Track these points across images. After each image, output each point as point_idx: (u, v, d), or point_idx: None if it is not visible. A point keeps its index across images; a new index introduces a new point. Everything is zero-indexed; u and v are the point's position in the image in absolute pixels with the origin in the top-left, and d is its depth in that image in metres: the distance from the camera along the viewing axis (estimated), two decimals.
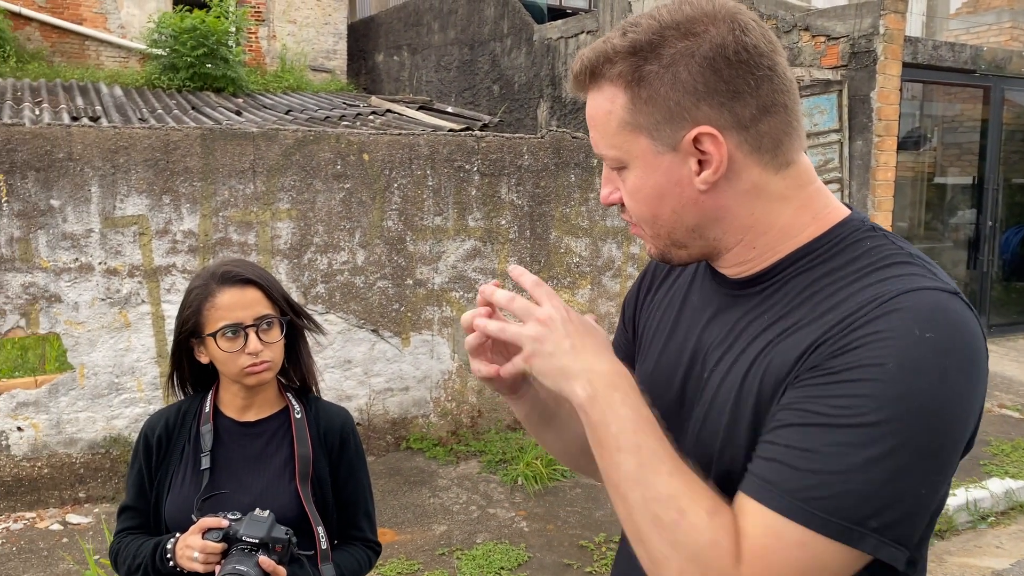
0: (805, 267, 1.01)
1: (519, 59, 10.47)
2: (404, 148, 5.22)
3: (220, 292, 1.80)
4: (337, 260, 5.10)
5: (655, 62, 0.96)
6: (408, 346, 5.36)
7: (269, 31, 12.50)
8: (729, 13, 0.97)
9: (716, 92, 0.96)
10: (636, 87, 0.97)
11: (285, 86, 11.73)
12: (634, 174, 1.02)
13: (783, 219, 1.02)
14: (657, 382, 1.16)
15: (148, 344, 4.66)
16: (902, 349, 0.87)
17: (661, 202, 1.02)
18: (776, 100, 0.98)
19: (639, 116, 0.98)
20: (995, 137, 7.80)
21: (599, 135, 1.03)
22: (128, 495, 1.91)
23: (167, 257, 4.66)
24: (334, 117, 9.31)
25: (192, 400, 1.94)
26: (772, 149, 0.99)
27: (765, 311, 1.03)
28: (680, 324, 1.17)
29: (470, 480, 4.97)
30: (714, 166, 0.97)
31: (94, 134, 4.46)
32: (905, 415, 0.86)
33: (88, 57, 11.43)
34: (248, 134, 4.82)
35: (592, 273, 5.89)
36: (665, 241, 1.06)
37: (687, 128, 0.97)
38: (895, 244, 1.00)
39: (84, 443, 4.58)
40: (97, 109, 9.19)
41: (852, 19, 6.90)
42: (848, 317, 0.92)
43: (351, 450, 1.96)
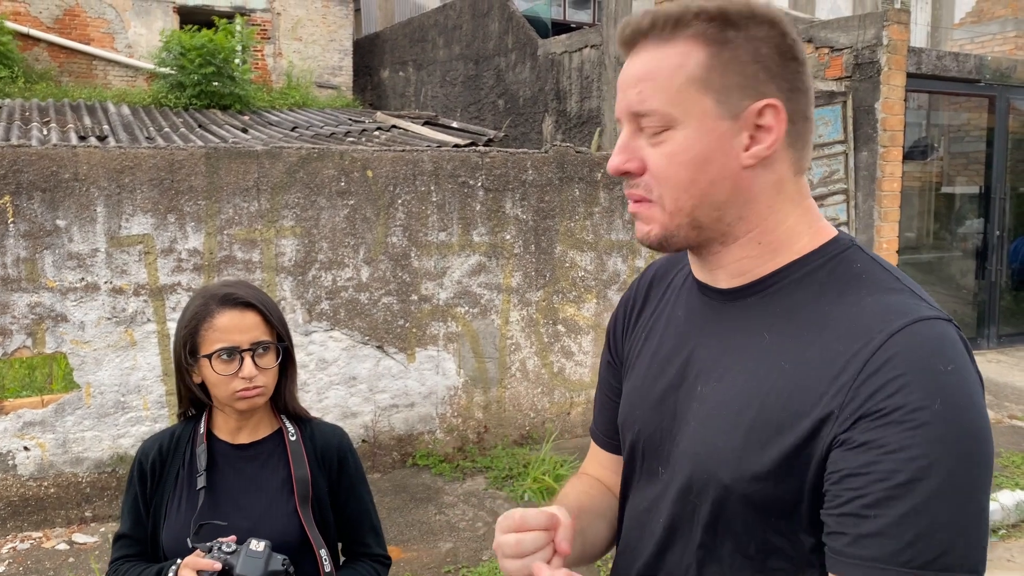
0: (800, 279, 1.03)
1: (524, 74, 10.51)
2: (408, 164, 5.23)
3: (219, 313, 1.79)
4: (342, 277, 5.11)
5: (742, 31, 1.00)
6: (413, 362, 5.35)
7: (275, 48, 12.59)
8: (791, 26, 1.04)
9: (784, 78, 1.01)
10: (719, 47, 1.00)
11: (291, 103, 11.80)
12: (683, 134, 1.01)
13: (788, 222, 1.05)
14: (643, 395, 1.16)
15: (154, 363, 4.67)
16: (940, 389, 0.89)
17: (704, 168, 1.01)
18: (809, 109, 1.05)
19: (714, 75, 1.00)
20: (1001, 146, 7.78)
21: (655, 89, 1.01)
22: (124, 523, 1.89)
23: (172, 275, 4.67)
24: (340, 133, 9.35)
25: (185, 424, 1.93)
26: (801, 149, 1.05)
27: (764, 328, 1.02)
28: (665, 339, 1.17)
29: (476, 496, 4.95)
30: (768, 141, 1.01)
31: (100, 154, 4.48)
32: (968, 450, 0.89)
33: (96, 77, 11.52)
34: (252, 152, 4.84)
35: (597, 287, 5.88)
36: (683, 217, 1.04)
37: (755, 99, 1.00)
38: (882, 267, 1.03)
39: (90, 462, 4.58)
40: (105, 128, 9.26)
41: (855, 30, 6.90)
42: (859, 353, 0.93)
43: (350, 468, 1.95)
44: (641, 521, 1.17)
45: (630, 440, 1.20)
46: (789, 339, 0.99)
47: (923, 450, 0.87)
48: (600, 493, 1.33)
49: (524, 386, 5.72)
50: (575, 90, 9.74)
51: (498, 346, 5.60)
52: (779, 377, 0.98)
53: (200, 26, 10.88)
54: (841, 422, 0.92)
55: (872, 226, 6.92)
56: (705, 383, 1.06)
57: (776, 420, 0.96)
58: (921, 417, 0.88)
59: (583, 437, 5.94)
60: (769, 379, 0.99)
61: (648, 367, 1.17)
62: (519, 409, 5.73)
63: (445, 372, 5.46)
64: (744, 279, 1.06)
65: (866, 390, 0.90)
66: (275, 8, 12.55)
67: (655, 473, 1.15)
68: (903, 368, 0.90)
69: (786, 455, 0.95)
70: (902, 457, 0.88)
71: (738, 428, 0.99)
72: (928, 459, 0.87)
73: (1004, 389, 6.89)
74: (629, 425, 1.20)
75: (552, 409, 5.83)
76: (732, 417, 1.01)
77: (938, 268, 8.54)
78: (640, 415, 1.17)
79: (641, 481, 1.19)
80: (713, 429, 1.03)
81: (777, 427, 0.96)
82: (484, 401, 5.60)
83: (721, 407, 1.03)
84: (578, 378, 5.90)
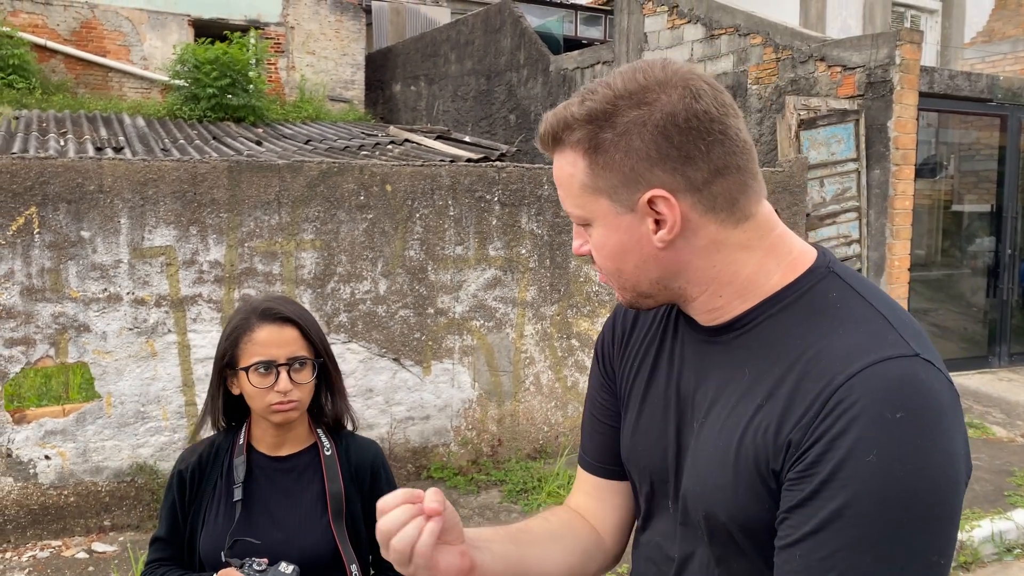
0: (775, 315, 1.04)
1: (535, 89, 10.59)
2: (426, 179, 5.28)
3: (258, 327, 1.84)
4: (360, 289, 5.15)
5: (610, 130, 1.00)
6: (429, 375, 5.39)
7: (288, 62, 12.69)
8: (682, 79, 1.01)
9: (668, 157, 1.00)
10: (594, 154, 1.02)
11: (304, 116, 11.90)
12: (598, 231, 1.07)
13: (748, 268, 1.05)
14: (646, 432, 1.18)
15: (174, 373, 4.71)
16: (878, 438, 0.89)
17: (624, 257, 1.07)
18: (729, 162, 1.01)
19: (598, 180, 1.03)
20: (1013, 165, 7.81)
21: (564, 194, 1.09)
22: (161, 527, 1.93)
23: (193, 287, 4.72)
24: (353, 147, 9.42)
25: (224, 435, 1.97)
26: (728, 207, 1.02)
27: (745, 363, 1.05)
28: (658, 369, 1.19)
29: (491, 510, 4.98)
30: (668, 226, 1.02)
31: (124, 167, 4.54)
32: (901, 506, 0.88)
33: (111, 88, 11.64)
34: (274, 166, 4.90)
35: (611, 301, 5.92)
36: (632, 292, 1.11)
37: (642, 191, 1.01)
38: (858, 294, 1.03)
39: (110, 471, 4.62)
40: (120, 139, 9.35)
41: (868, 49, 6.96)
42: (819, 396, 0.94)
43: (382, 483, 1.98)
44: (655, 555, 1.20)
45: (637, 476, 1.23)
46: (765, 375, 1.02)
47: (843, 501, 0.89)
48: (561, 519, 1.31)
49: (538, 400, 5.75)
50: None
51: (512, 360, 5.64)
52: (756, 413, 1.01)
53: (214, 39, 10.99)
54: (794, 459, 0.95)
55: (884, 243, 6.95)
56: (699, 419, 1.09)
57: (754, 455, 0.99)
58: (853, 467, 0.89)
59: None
60: (748, 415, 1.01)
61: (646, 399, 1.19)
62: (533, 423, 5.76)
63: (460, 385, 5.49)
64: (720, 320, 1.09)
65: (816, 433, 0.92)
66: (289, 22, 12.67)
67: (664, 507, 1.18)
68: (852, 413, 0.90)
69: (769, 489, 0.98)
70: (827, 504, 0.90)
71: (726, 466, 1.02)
72: (851, 507, 0.89)
73: (1016, 408, 6.89)
74: (634, 461, 1.22)
75: (566, 423, 5.86)
76: (720, 455, 1.03)
77: (948, 286, 8.55)
78: (644, 451, 1.19)
79: (653, 515, 1.21)
80: (707, 467, 1.06)
81: (755, 462, 0.99)
82: (498, 415, 5.63)
83: (711, 444, 1.05)
84: None
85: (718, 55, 8.26)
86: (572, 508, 1.34)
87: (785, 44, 7.59)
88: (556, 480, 5.06)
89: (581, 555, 1.27)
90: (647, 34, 9.06)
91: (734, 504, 1.01)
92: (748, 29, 7.94)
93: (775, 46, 7.67)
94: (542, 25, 11.52)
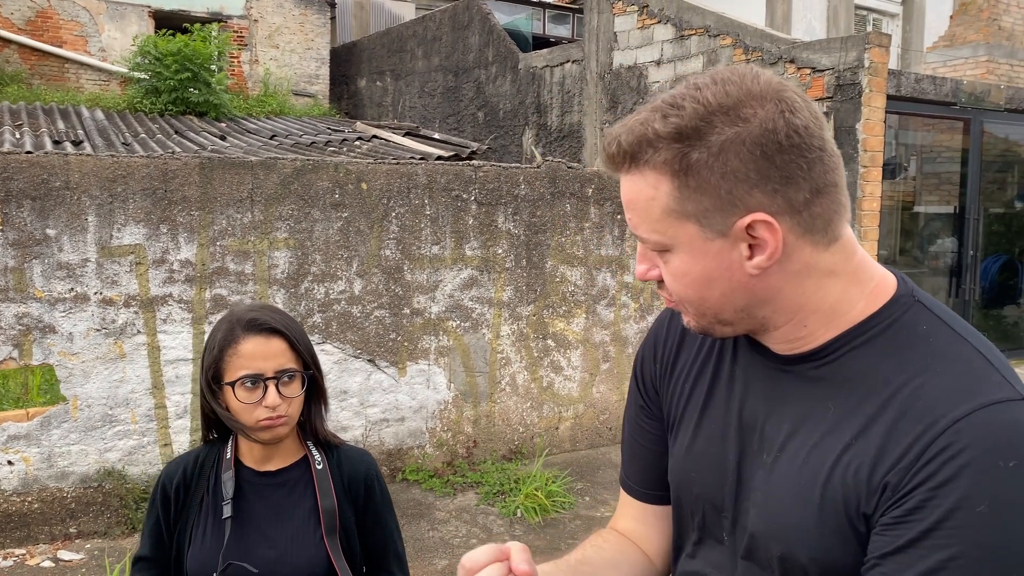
0: (860, 346, 0.98)
1: (504, 87, 10.53)
2: (402, 177, 5.21)
3: (244, 340, 1.74)
4: (334, 289, 5.06)
5: (703, 149, 0.92)
6: (404, 376, 5.32)
7: (251, 55, 12.47)
8: (775, 92, 0.93)
9: (769, 179, 0.92)
10: (683, 176, 0.93)
11: (268, 110, 11.70)
12: (679, 258, 0.98)
13: (833, 296, 0.99)
14: (701, 459, 1.12)
15: (143, 375, 4.58)
16: (991, 488, 0.84)
17: (710, 285, 0.98)
18: (828, 180, 0.94)
19: (687, 204, 0.94)
20: (975, 168, 7.96)
21: (639, 219, 0.99)
22: (144, 545, 1.84)
23: (164, 287, 4.60)
24: (320, 142, 9.28)
25: (209, 449, 1.88)
26: (823, 229, 0.96)
27: (829, 398, 0.99)
28: (716, 394, 1.13)
29: (468, 512, 4.93)
30: (768, 252, 0.94)
31: (92, 162, 4.40)
32: (1017, 560, 0.84)
33: (68, 80, 11.32)
34: (247, 163, 4.79)
35: (587, 302, 5.90)
36: (710, 320, 1.03)
37: (739, 215, 0.93)
38: (949, 327, 0.97)
39: (76, 477, 4.48)
40: (79, 133, 9.09)
41: (837, 52, 7.02)
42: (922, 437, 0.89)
43: (376, 496, 1.91)
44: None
45: (686, 502, 1.17)
46: (853, 411, 0.96)
47: (956, 551, 0.84)
48: (615, 545, 1.28)
49: (514, 401, 5.71)
50: (556, 104, 9.79)
51: (488, 360, 5.59)
52: (844, 452, 0.95)
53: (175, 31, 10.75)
54: (889, 503, 0.90)
55: None
56: (770, 452, 1.03)
57: (843, 497, 0.94)
58: (963, 517, 0.84)
59: (571, 452, 5.94)
60: (835, 454, 0.96)
61: (700, 425, 1.13)
62: (508, 424, 5.71)
63: (436, 386, 5.43)
64: (800, 349, 1.02)
65: (919, 477, 0.88)
66: (252, 15, 12.45)
67: (718, 539, 1.13)
68: (960, 460, 0.86)
69: (857, 532, 0.94)
70: (932, 553, 0.86)
71: (809, 505, 0.97)
72: (960, 559, 0.84)
73: None
74: (685, 487, 1.16)
75: (541, 424, 5.83)
76: (802, 493, 0.98)
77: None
78: (699, 478, 1.13)
79: (701, 544, 1.16)
80: (783, 508, 1.00)
81: (844, 503, 0.94)
82: (474, 416, 5.58)
83: (789, 481, 1.00)
84: (567, 393, 5.90)
85: (688, 56, 8.29)
86: (620, 532, 1.30)
87: (755, 46, 7.64)
88: (533, 483, 5.02)
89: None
90: (617, 33, 9.06)
91: (818, 546, 0.96)
92: (718, 30, 7.97)
93: (745, 47, 7.71)
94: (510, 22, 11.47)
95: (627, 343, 6.09)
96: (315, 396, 1.87)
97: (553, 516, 4.88)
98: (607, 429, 6.11)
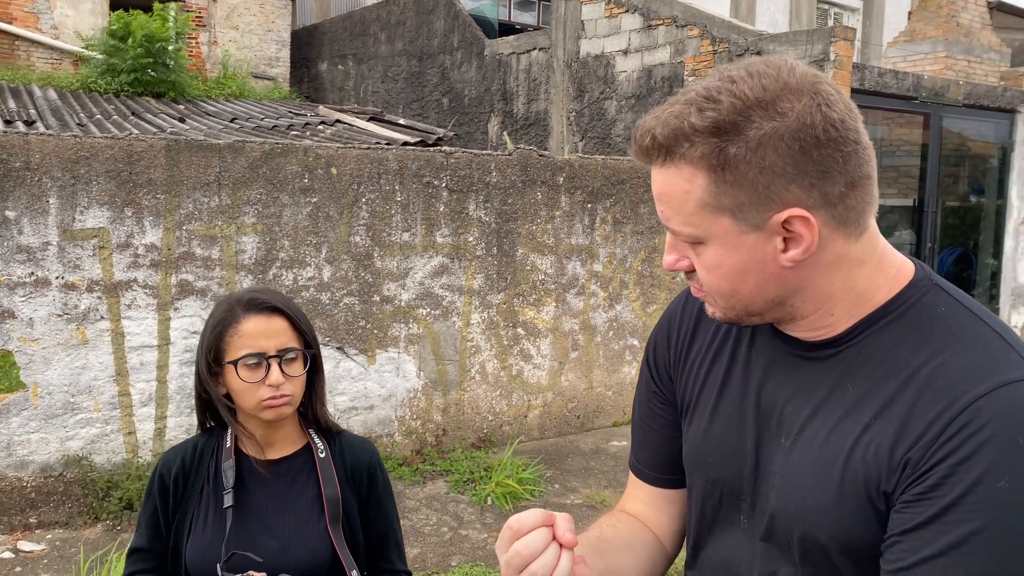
0: (881, 329, 0.99)
1: (469, 73, 10.46)
2: (373, 162, 5.14)
3: (245, 319, 1.72)
4: (303, 276, 4.99)
5: (741, 144, 0.91)
6: (374, 364, 5.27)
7: (210, 36, 12.22)
8: (811, 85, 0.93)
9: (806, 173, 0.92)
10: (720, 170, 0.93)
11: (227, 93, 11.48)
12: (713, 251, 0.99)
13: (861, 284, 1.00)
14: (718, 443, 1.13)
15: (107, 362, 4.47)
16: (1012, 464, 0.85)
17: (743, 278, 0.99)
18: (862, 172, 0.95)
19: (723, 198, 0.94)
20: (935, 162, 8.12)
21: (673, 212, 0.99)
22: (140, 536, 1.79)
23: (128, 272, 4.48)
24: (282, 126, 9.13)
25: (208, 437, 1.84)
26: (856, 221, 0.97)
27: (848, 380, 1.00)
28: (732, 378, 1.13)
29: (439, 501, 4.90)
30: (804, 246, 0.95)
31: (54, 143, 4.27)
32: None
33: (18, 58, 10.98)
34: (214, 146, 4.68)
35: (557, 291, 5.90)
36: (740, 311, 1.03)
37: (776, 210, 0.93)
38: (967, 309, 0.99)
39: (36, 466, 4.36)
40: (31, 112, 8.83)
41: (804, 44, 7.10)
42: (943, 414, 0.90)
43: (379, 485, 1.89)
44: (723, 569, 1.15)
45: (702, 485, 1.17)
46: (873, 392, 0.97)
47: (977, 525, 0.85)
48: (629, 525, 1.29)
49: (483, 389, 5.70)
50: (522, 92, 9.75)
51: (459, 348, 5.56)
52: (864, 432, 0.96)
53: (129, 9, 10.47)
54: (910, 479, 0.91)
55: None
56: (788, 436, 1.04)
57: (864, 475, 0.95)
58: (984, 491, 0.85)
59: (540, 440, 5.95)
60: (855, 434, 0.97)
61: (717, 409, 1.14)
62: (478, 412, 5.70)
63: (405, 374, 5.39)
64: (823, 335, 1.03)
65: (940, 454, 0.89)
66: None
67: (734, 522, 1.13)
68: (981, 436, 0.87)
69: (877, 511, 0.95)
70: (952, 528, 0.87)
71: (829, 485, 0.98)
72: (980, 533, 0.85)
73: None
74: (702, 470, 1.16)
75: (510, 412, 5.82)
76: (822, 474, 0.99)
77: None
78: (716, 462, 1.13)
79: (715, 527, 1.17)
80: (803, 488, 1.01)
81: (864, 482, 0.95)
82: (443, 404, 5.55)
83: (808, 464, 1.01)
84: (536, 381, 5.90)
85: (655, 46, 8.31)
86: (631, 515, 1.31)
87: (722, 37, 7.69)
88: (504, 471, 5.01)
89: (651, 562, 1.25)
90: (584, 22, 9.05)
91: (839, 525, 0.97)
92: (685, 20, 8.00)
93: (712, 38, 7.75)
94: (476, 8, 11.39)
95: (596, 332, 6.10)
96: (316, 378, 1.85)
97: (524, 503, 4.88)
98: (575, 417, 6.13)
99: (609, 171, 6.03)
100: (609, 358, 6.20)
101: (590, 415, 6.19)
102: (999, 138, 8.80)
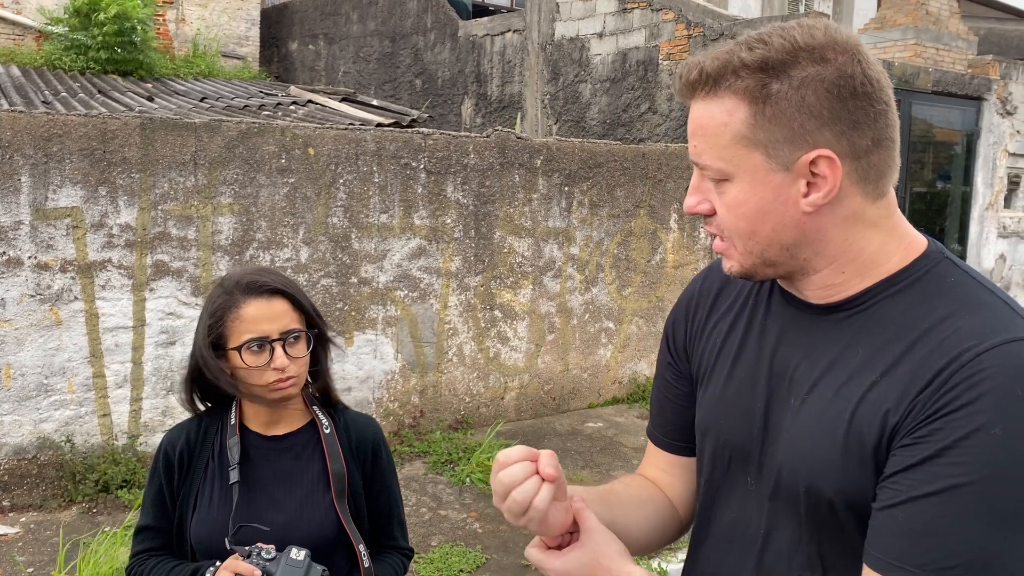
0: (893, 295, 1.03)
1: (443, 54, 10.39)
2: (351, 143, 5.11)
3: (245, 303, 1.70)
4: (280, 257, 4.95)
5: (784, 81, 0.97)
6: (351, 346, 5.25)
7: (178, 14, 12.00)
8: (854, 45, 0.99)
9: (839, 119, 0.97)
10: (761, 103, 0.98)
11: (196, 72, 11.29)
12: (738, 188, 1.02)
13: (873, 246, 1.04)
14: (730, 406, 1.16)
15: (81, 343, 4.41)
16: (1007, 413, 0.89)
17: (763, 219, 1.02)
18: (887, 135, 1.00)
19: (759, 132, 0.99)
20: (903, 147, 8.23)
21: (706, 145, 1.03)
22: (146, 515, 1.79)
23: (102, 252, 4.42)
24: (253, 106, 9.01)
25: (212, 414, 1.84)
26: (876, 180, 1.01)
27: (857, 342, 1.04)
28: (747, 346, 1.16)
29: (417, 482, 4.92)
30: (825, 190, 0.99)
31: (25, 119, 4.18)
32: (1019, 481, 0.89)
33: None
34: (190, 125, 4.62)
35: (534, 273, 5.91)
36: (756, 259, 1.06)
37: (806, 150, 0.98)
38: (975, 280, 1.03)
39: (9, 448, 4.30)
40: None
41: None
42: (946, 368, 0.94)
43: (383, 461, 1.90)
44: (730, 531, 1.18)
45: (712, 447, 1.20)
46: (882, 353, 1.01)
47: (967, 469, 0.89)
48: (642, 485, 1.33)
49: (460, 371, 5.71)
50: (496, 74, 9.71)
51: (436, 330, 5.56)
52: (870, 389, 0.99)
53: None
54: (911, 427, 0.95)
55: None
56: (798, 396, 1.07)
57: (867, 431, 0.98)
58: (978, 437, 0.89)
59: (516, 421, 5.98)
60: (861, 392, 1.00)
61: (732, 375, 1.17)
62: (455, 394, 5.71)
63: (383, 356, 5.38)
64: (834, 298, 1.07)
65: (940, 402, 0.92)
66: None
67: (742, 484, 1.16)
68: (981, 388, 0.90)
69: (878, 463, 0.98)
70: (944, 470, 0.90)
71: (835, 441, 1.01)
72: (970, 476, 0.89)
73: None
74: (713, 433, 1.19)
75: (487, 394, 5.84)
76: (828, 430, 1.02)
77: None
78: (727, 424, 1.16)
79: (721, 490, 1.20)
80: (810, 443, 1.04)
81: (868, 437, 0.98)
82: (421, 386, 5.55)
83: (816, 420, 1.04)
84: (513, 363, 5.92)
85: (630, 29, 8.32)
86: (647, 479, 1.35)
87: (697, 21, 7.71)
88: (484, 452, 5.04)
89: (661, 522, 1.30)
90: (559, 4, 9.02)
91: (843, 479, 1.00)
92: (660, 4, 8.02)
93: (687, 23, 7.78)
94: None
95: (572, 314, 6.13)
96: (323, 355, 1.85)
97: None
98: (551, 399, 6.16)
99: (586, 154, 6.05)
100: (585, 340, 6.24)
101: (566, 397, 6.23)
102: (966, 125, 8.94)
